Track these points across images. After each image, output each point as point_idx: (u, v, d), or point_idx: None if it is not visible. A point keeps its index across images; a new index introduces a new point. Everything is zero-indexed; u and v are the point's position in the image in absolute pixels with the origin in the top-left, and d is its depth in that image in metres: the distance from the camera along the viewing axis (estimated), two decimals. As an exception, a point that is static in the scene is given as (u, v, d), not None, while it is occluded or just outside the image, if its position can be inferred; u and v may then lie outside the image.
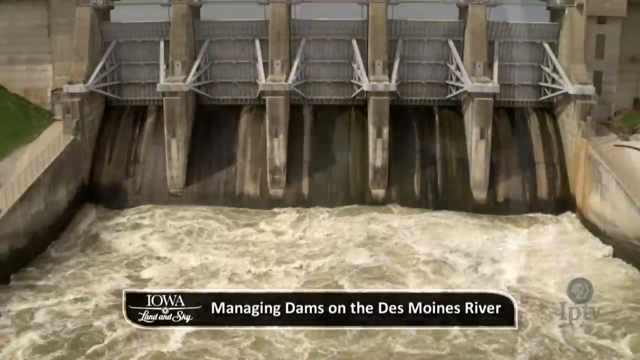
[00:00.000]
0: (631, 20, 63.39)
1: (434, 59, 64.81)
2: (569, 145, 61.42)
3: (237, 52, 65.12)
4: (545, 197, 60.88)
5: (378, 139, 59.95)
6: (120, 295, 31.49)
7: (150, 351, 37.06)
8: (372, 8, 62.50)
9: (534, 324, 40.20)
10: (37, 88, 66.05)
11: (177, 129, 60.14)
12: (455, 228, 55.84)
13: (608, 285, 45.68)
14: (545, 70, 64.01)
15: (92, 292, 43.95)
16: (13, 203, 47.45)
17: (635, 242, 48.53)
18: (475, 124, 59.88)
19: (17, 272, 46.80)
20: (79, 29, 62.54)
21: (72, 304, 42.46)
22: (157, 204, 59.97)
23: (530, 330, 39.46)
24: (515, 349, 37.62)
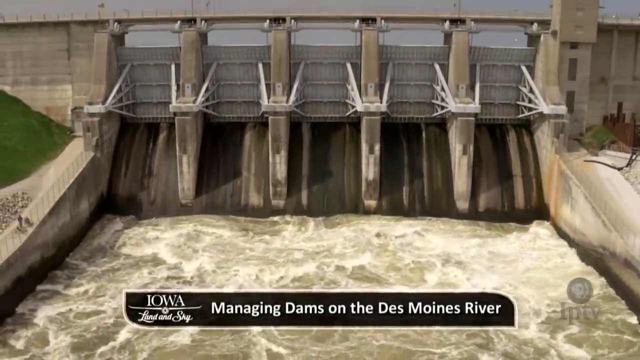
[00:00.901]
0: (600, 46, 67.47)
1: (421, 80, 68.36)
2: (543, 160, 65.11)
3: (242, 74, 68.49)
4: (522, 207, 64.32)
5: (370, 154, 63.56)
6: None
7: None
8: (364, 35, 66.23)
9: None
10: (57, 106, 69.74)
11: (187, 145, 63.60)
12: (439, 235, 59.23)
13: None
14: (522, 91, 67.81)
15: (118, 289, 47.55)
16: (43, 216, 50.84)
17: (599, 249, 51.97)
18: (459, 141, 63.59)
19: (46, 277, 50.02)
20: (97, 53, 66.08)
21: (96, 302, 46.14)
22: (170, 214, 63.23)
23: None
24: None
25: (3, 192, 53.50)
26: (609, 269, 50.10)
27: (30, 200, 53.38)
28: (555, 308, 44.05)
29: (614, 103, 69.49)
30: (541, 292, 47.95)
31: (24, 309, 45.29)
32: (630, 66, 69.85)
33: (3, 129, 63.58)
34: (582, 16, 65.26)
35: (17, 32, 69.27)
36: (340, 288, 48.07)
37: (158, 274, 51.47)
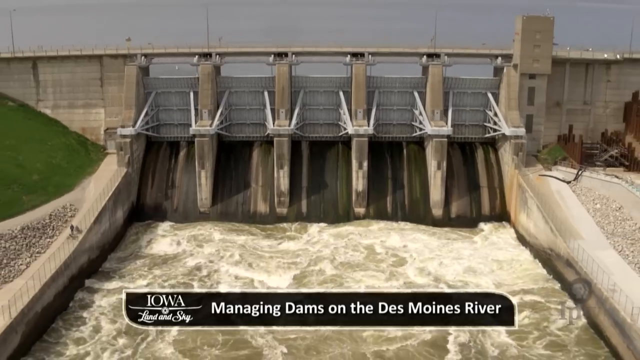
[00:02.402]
0: (555, 76, 74.19)
1: (402, 105, 75.13)
2: (506, 173, 72.14)
3: (250, 100, 75.09)
4: (488, 214, 71.19)
5: (359, 169, 70.44)
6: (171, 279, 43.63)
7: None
8: (354, 67, 73.11)
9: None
10: (92, 127, 76.25)
11: (205, 162, 70.42)
12: (416, 236, 66.15)
13: (525, 278, 57.59)
14: (488, 114, 74.71)
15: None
16: (90, 225, 57.93)
17: (548, 251, 59.32)
18: (434, 158, 70.66)
19: (92, 274, 57.25)
20: (127, 83, 72.78)
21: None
22: (189, 220, 69.86)
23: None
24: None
25: (54, 204, 60.43)
26: (555, 267, 57.48)
27: (77, 211, 60.34)
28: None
29: (567, 124, 75.76)
30: (496, 282, 56.34)
31: (77, 300, 52.78)
32: (581, 92, 76.12)
33: (48, 148, 70.16)
34: (539, 52, 71.89)
35: (57, 63, 75.67)
36: (340, 288, 51.13)
37: (182, 269, 58.48)
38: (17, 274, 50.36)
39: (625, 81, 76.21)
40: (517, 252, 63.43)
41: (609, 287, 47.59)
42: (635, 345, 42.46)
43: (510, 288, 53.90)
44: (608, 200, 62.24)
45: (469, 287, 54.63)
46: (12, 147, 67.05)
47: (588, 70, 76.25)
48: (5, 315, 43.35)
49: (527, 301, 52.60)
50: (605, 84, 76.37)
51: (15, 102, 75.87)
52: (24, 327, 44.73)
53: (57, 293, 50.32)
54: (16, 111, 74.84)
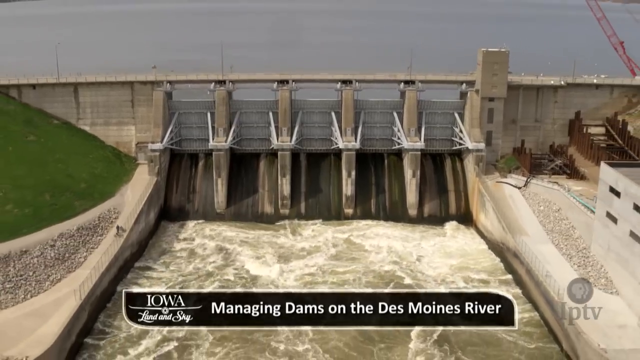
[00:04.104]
0: (510, 98, 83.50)
1: (383, 123, 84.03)
2: (469, 180, 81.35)
3: (257, 119, 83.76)
4: (454, 214, 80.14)
5: (348, 177, 79.52)
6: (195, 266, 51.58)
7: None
8: (344, 92, 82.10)
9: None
10: (124, 141, 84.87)
11: (221, 171, 79.37)
12: (395, 231, 75.55)
13: (482, 265, 67.02)
14: (455, 130, 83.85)
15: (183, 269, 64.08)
16: (131, 225, 66.96)
17: (501, 245, 68.68)
18: (409, 168, 79.88)
19: (134, 265, 66.30)
20: (155, 106, 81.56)
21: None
22: (208, 219, 78.70)
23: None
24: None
25: (100, 208, 69.29)
26: (506, 258, 66.86)
27: (119, 213, 69.21)
28: (459, 275, 63.17)
29: (520, 138, 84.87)
30: (455, 266, 66.20)
31: (122, 287, 60.43)
32: (533, 112, 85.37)
33: (90, 160, 78.96)
34: (497, 79, 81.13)
35: (94, 88, 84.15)
36: (340, 288, 55.25)
37: (206, 259, 67.55)
38: (77, 265, 59.49)
39: (569, 102, 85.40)
40: (477, 244, 72.88)
41: (544, 273, 57.25)
42: (558, 316, 52.02)
43: (470, 270, 65.42)
44: (550, 203, 71.31)
45: (438, 270, 64.84)
46: (62, 160, 75.80)
47: (539, 94, 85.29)
48: (77, 297, 52.70)
49: (483, 278, 63.13)
50: (553, 105, 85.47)
51: (59, 120, 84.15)
52: (89, 307, 54.03)
53: (110, 280, 59.62)
54: (60, 128, 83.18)
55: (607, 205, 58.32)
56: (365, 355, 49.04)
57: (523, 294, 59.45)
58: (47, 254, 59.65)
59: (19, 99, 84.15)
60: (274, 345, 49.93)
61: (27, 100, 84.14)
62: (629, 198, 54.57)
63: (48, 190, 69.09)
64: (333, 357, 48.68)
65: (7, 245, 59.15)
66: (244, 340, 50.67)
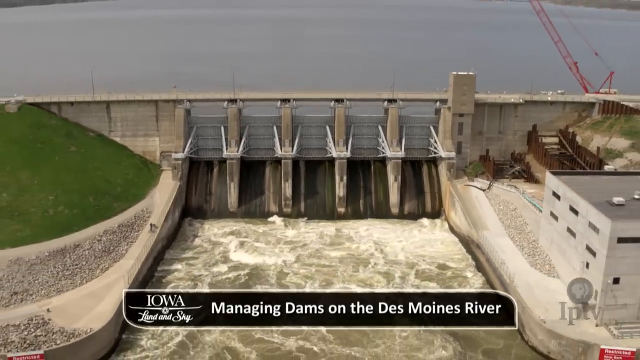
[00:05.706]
0: (478, 114, 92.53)
1: (370, 135, 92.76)
2: (442, 183, 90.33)
3: (263, 132, 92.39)
4: (430, 211, 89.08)
5: (340, 182, 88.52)
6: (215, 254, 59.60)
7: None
8: (337, 109, 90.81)
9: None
10: (150, 151, 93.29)
11: (233, 176, 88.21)
12: (380, 226, 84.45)
13: (450, 254, 76.01)
14: (431, 141, 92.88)
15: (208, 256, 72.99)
16: (162, 222, 75.69)
17: (467, 238, 77.72)
18: (392, 173, 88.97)
19: (164, 257, 75.02)
20: (177, 121, 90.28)
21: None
22: (223, 217, 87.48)
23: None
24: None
25: (135, 209, 78.16)
26: (471, 249, 75.87)
27: (151, 213, 77.91)
28: (429, 264, 71.97)
29: (486, 147, 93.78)
30: (427, 255, 75.22)
31: (158, 273, 70.42)
32: (496, 125, 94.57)
33: (122, 167, 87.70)
34: (465, 98, 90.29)
35: (124, 105, 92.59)
36: (340, 288, 57.53)
37: (224, 247, 76.50)
38: (121, 256, 68.37)
39: (528, 116, 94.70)
40: (448, 237, 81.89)
41: (500, 261, 66.73)
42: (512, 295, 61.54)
43: (442, 258, 74.69)
44: (508, 203, 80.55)
45: (422, 258, 73.41)
46: (100, 168, 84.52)
47: (502, 109, 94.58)
48: (125, 281, 61.87)
49: (451, 266, 72.38)
50: (514, 119, 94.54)
51: (94, 132, 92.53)
52: (135, 289, 63.17)
53: (148, 268, 68.68)
54: (95, 140, 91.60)
55: (550, 206, 67.95)
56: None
57: (483, 277, 68.92)
58: (96, 247, 68.50)
59: (59, 114, 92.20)
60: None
61: (66, 115, 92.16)
62: (566, 201, 64.24)
63: (91, 193, 77.82)
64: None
65: (63, 240, 68.13)
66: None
